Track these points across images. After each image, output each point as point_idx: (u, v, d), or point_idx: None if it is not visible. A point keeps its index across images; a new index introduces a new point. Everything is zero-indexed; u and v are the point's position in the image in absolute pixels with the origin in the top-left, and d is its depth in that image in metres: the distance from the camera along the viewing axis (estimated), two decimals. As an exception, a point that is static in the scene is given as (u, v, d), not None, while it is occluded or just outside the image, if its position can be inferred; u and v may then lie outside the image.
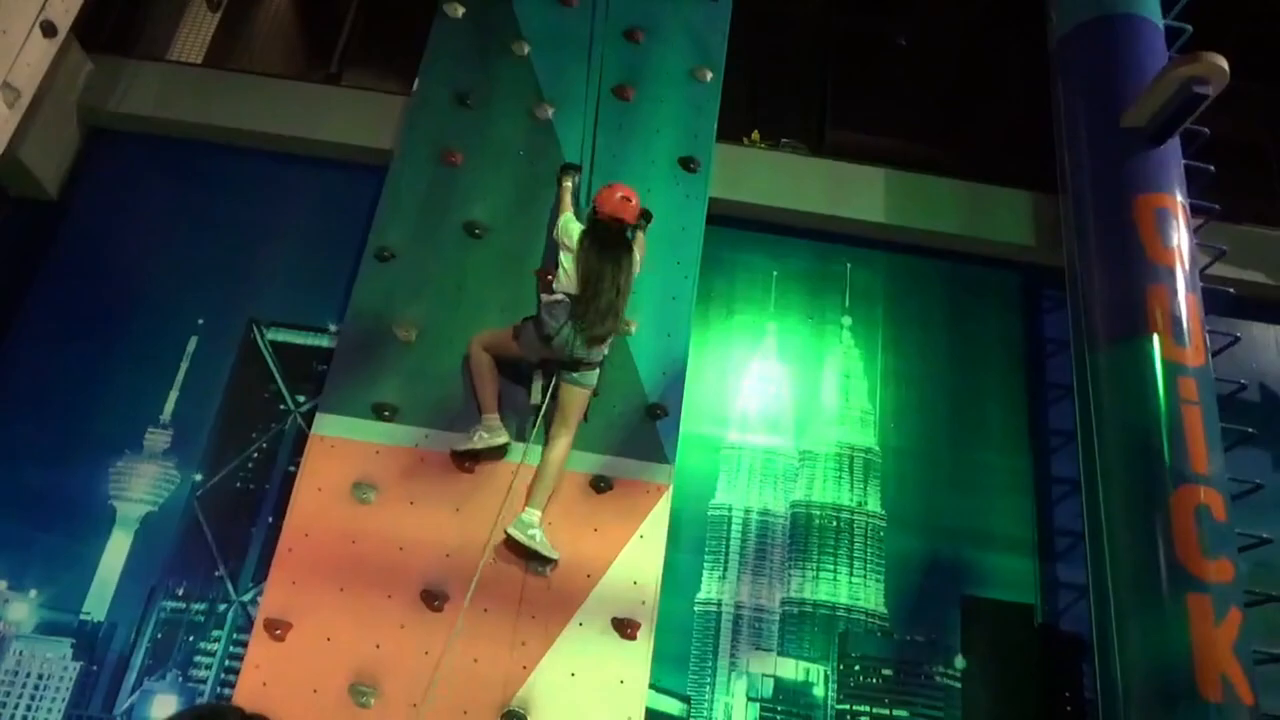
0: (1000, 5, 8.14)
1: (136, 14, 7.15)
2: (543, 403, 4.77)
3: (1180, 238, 5.39)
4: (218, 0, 7.86)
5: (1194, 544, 4.60)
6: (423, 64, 5.94)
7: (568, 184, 5.29)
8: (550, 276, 4.94)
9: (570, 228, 4.87)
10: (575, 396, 4.69)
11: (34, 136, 5.76)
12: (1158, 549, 4.64)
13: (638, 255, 4.90)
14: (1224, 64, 5.17)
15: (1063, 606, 5.47)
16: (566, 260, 4.76)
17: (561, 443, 4.66)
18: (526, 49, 5.86)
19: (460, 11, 6.04)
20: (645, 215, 5.05)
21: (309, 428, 5.00)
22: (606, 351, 4.77)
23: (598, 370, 4.75)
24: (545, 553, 4.49)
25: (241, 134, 6.30)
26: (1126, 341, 5.17)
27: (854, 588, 5.45)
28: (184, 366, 5.71)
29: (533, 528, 4.49)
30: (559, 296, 4.66)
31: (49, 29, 5.16)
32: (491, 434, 4.68)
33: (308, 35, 8.44)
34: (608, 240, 4.75)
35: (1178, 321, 5.11)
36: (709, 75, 5.93)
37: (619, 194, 4.86)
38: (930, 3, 8.59)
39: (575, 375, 4.66)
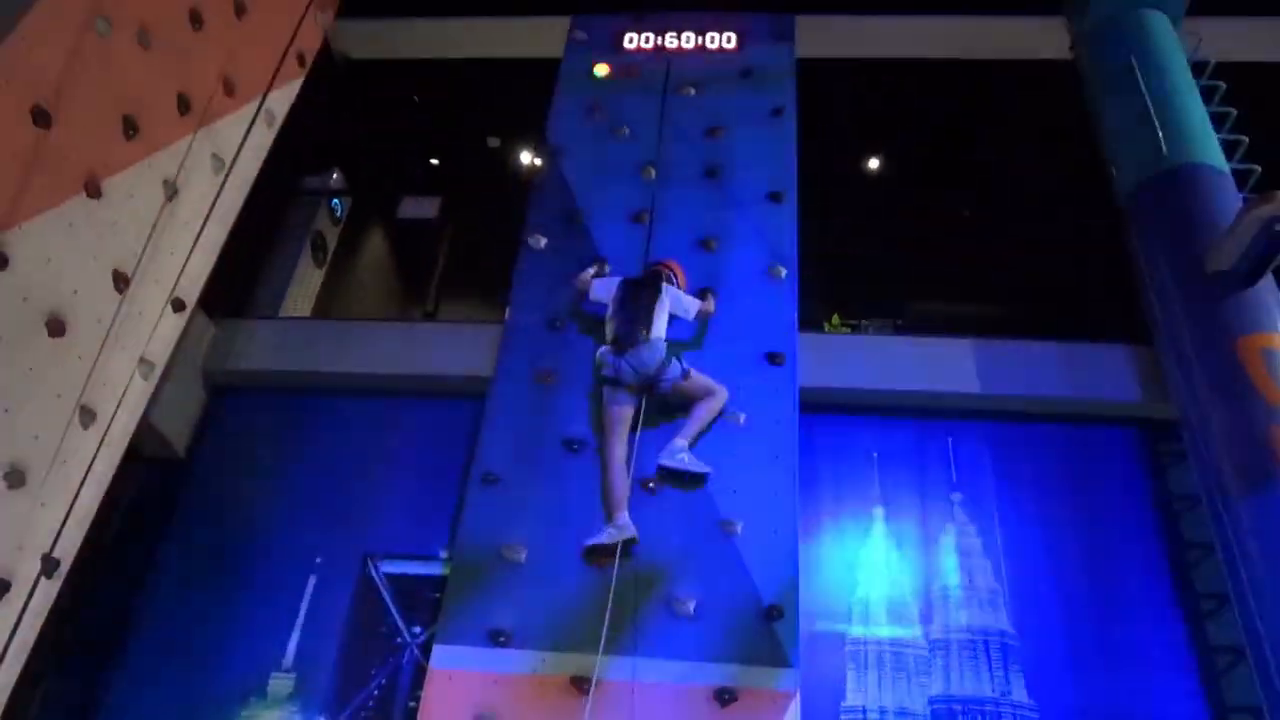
0: (1061, 163, 8.32)
1: (252, 276, 7.85)
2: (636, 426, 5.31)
3: (1296, 375, 5.18)
4: (323, 257, 8.60)
5: (1391, 710, 4.12)
6: (513, 292, 6.30)
7: (591, 271, 5.92)
8: None
9: (607, 282, 5.67)
10: (679, 391, 5.32)
11: (163, 401, 6.22)
12: (1350, 720, 4.17)
13: (696, 301, 5.61)
14: (1301, 200, 5.13)
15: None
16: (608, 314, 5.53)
17: (716, 397, 5.33)
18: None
19: (543, 242, 6.46)
20: (705, 291, 5.88)
21: (427, 659, 4.98)
22: (662, 353, 5.26)
23: (678, 364, 5.29)
24: (696, 469, 5.14)
25: (350, 377, 6.69)
26: (1261, 489, 4.87)
27: (1014, 790, 5.00)
28: (304, 607, 5.82)
29: (681, 452, 5.14)
30: (602, 348, 5.43)
31: (178, 305, 5.68)
32: (620, 530, 4.98)
33: (405, 278, 9.11)
34: (637, 282, 5.56)
35: (1313, 464, 4.82)
36: (784, 272, 6.13)
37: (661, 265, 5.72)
38: (991, 170, 8.84)
39: (667, 377, 5.28)
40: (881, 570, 5.73)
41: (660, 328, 5.39)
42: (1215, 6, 7.18)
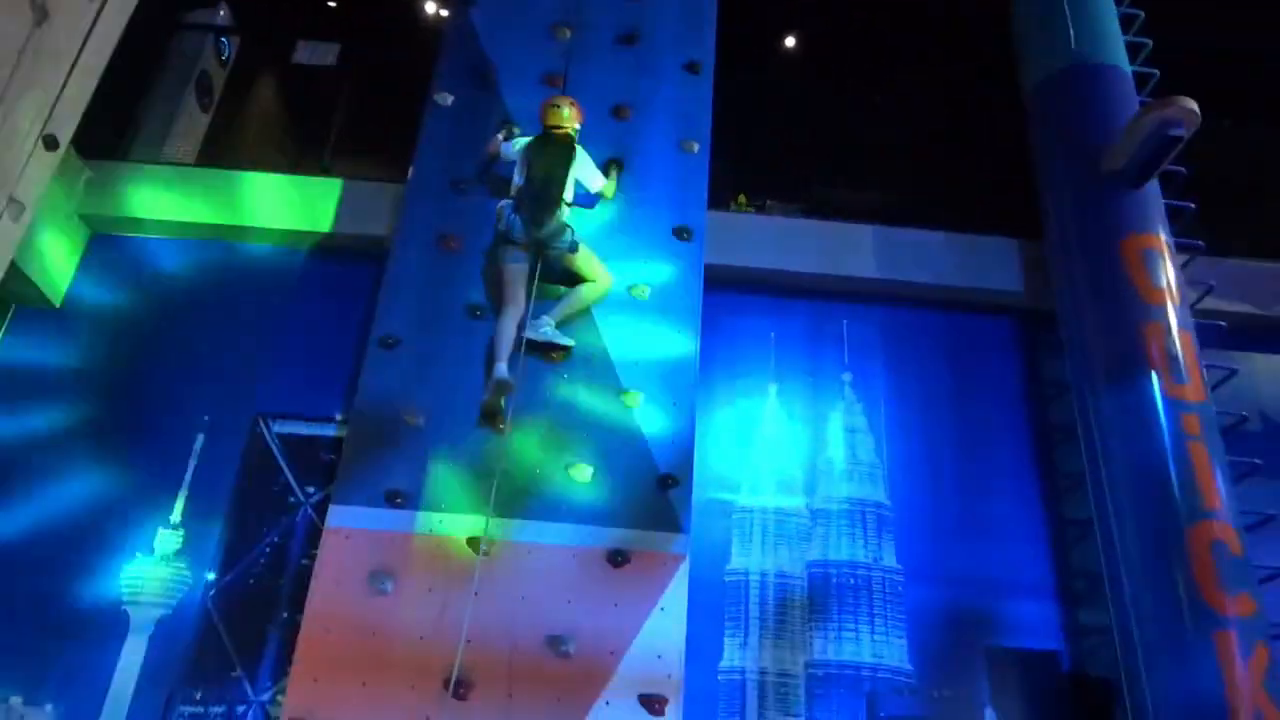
0: (973, 59, 8.37)
1: (130, 119, 7.31)
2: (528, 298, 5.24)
3: (1169, 276, 5.50)
4: (209, 101, 8.04)
5: (1213, 580, 4.61)
6: (417, 152, 6.06)
7: (499, 135, 5.74)
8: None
9: (516, 143, 5.53)
10: (570, 260, 5.28)
11: (36, 246, 5.84)
12: (1178, 587, 4.65)
13: (592, 169, 5.52)
14: (1194, 106, 5.32)
15: (1089, 651, 5.43)
16: (518, 170, 5.42)
17: (598, 283, 5.33)
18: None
19: (450, 99, 6.19)
20: (617, 164, 5.83)
21: (321, 519, 4.99)
22: (567, 231, 5.24)
23: (570, 231, 5.25)
24: (560, 340, 5.20)
25: (238, 231, 6.40)
26: (1126, 381, 5.23)
27: (877, 645, 5.42)
28: (192, 465, 5.72)
29: (545, 326, 5.19)
30: (503, 201, 5.36)
31: (51, 142, 5.27)
32: (493, 377, 4.98)
33: (299, 129, 8.62)
34: (547, 147, 5.40)
35: (1174, 359, 5.19)
36: (696, 147, 6.06)
37: (556, 108, 5.50)
38: (906, 62, 8.83)
39: (558, 246, 5.23)
40: (772, 444, 5.97)
41: (569, 193, 5.36)
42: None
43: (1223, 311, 5.98)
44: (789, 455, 5.96)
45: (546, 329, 5.22)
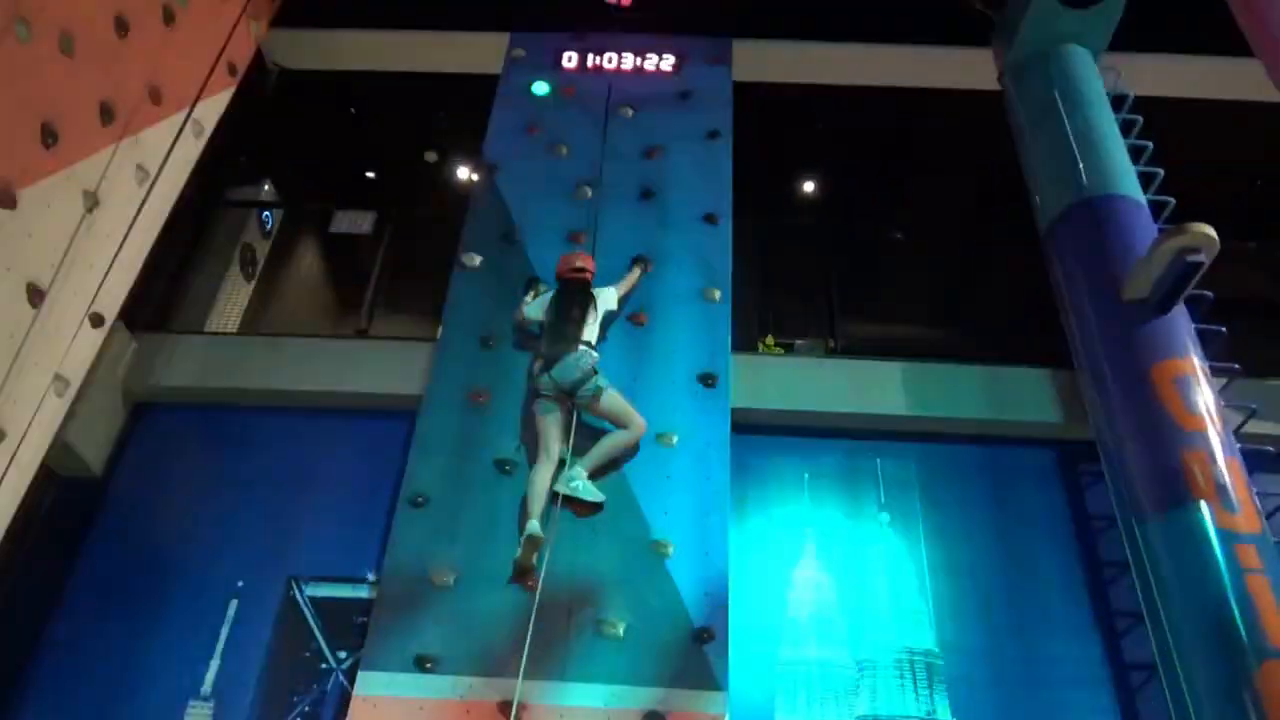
0: (988, 188, 8.55)
1: (176, 290, 7.64)
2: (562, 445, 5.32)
3: (1206, 401, 5.37)
4: (252, 270, 8.41)
5: (1292, 727, 4.28)
6: (446, 311, 6.24)
7: (527, 298, 5.93)
8: None
9: (539, 302, 5.75)
10: (601, 405, 5.33)
11: (79, 416, 6.01)
12: (1255, 736, 4.32)
13: (617, 288, 5.80)
14: (1211, 232, 5.33)
15: (1166, 809, 5.03)
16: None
17: (630, 432, 5.32)
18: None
19: (478, 260, 6.42)
20: (638, 259, 6.11)
21: (352, 685, 4.88)
22: (588, 367, 5.31)
23: (596, 377, 5.31)
24: (590, 497, 5.13)
25: (277, 394, 6.55)
26: (1173, 512, 5.03)
27: (937, 809, 5.07)
28: (224, 632, 5.66)
29: (575, 479, 5.14)
30: (535, 357, 5.50)
31: (97, 320, 5.51)
32: (526, 533, 4.98)
33: (337, 293, 8.96)
34: (564, 294, 5.64)
35: (1222, 488, 5.00)
36: (717, 294, 6.18)
37: (571, 258, 5.81)
38: (921, 196, 9.05)
39: (582, 394, 5.29)
40: (810, 591, 5.79)
41: (590, 334, 5.47)
42: (1134, 44, 7.45)
43: (1269, 435, 5.80)
44: (829, 602, 5.76)
45: (577, 482, 5.19)
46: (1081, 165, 6.28)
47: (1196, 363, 5.54)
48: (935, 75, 8.36)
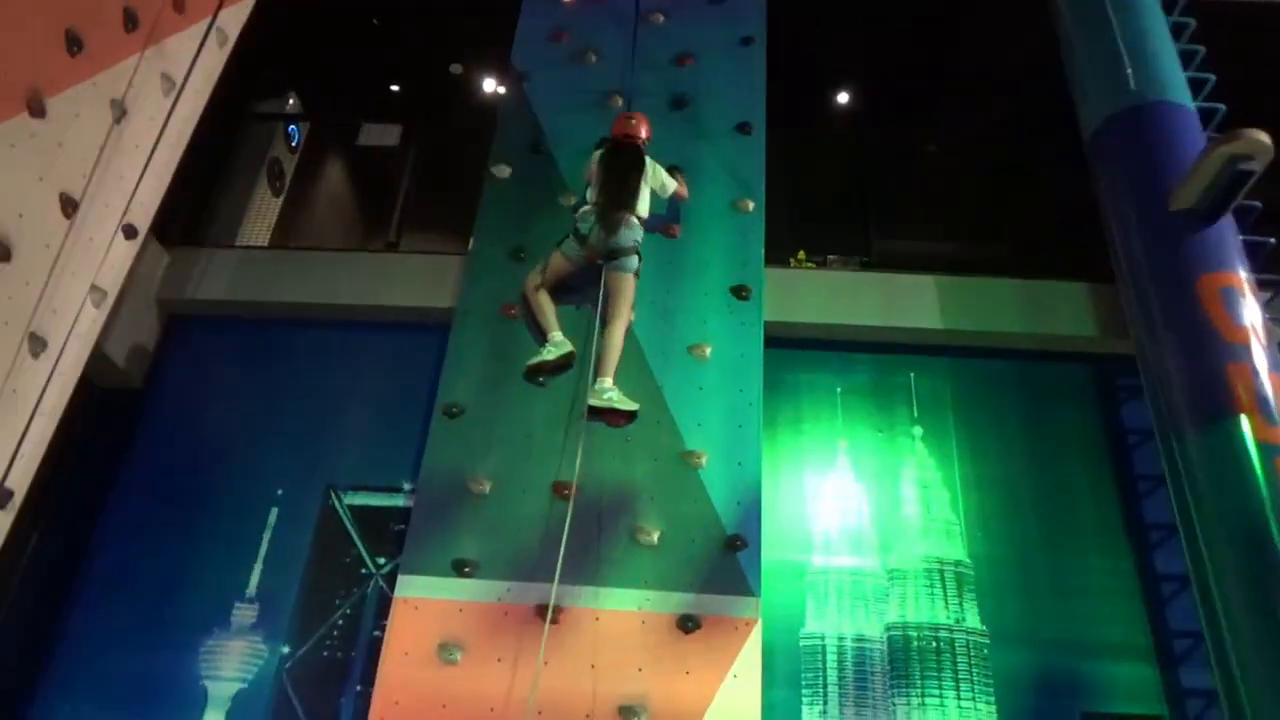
0: (1031, 100, 8.29)
1: (206, 205, 7.63)
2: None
3: (1251, 314, 5.26)
4: (280, 185, 8.37)
5: (1326, 637, 4.29)
6: (476, 223, 6.19)
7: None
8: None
9: (593, 157, 5.67)
10: (620, 281, 5.36)
11: (116, 329, 6.08)
12: (1288, 645, 4.33)
13: (664, 176, 5.68)
14: (1266, 139, 5.15)
15: (1195, 715, 5.10)
16: (592, 184, 5.58)
17: (618, 324, 5.31)
18: (574, 199, 6.08)
19: (507, 171, 6.33)
20: (673, 168, 5.88)
21: (391, 590, 5.00)
22: (638, 237, 5.41)
23: (636, 257, 5.39)
24: (624, 406, 5.15)
25: (309, 308, 6.58)
26: (1214, 425, 4.98)
27: (964, 713, 5.16)
28: (266, 538, 5.81)
29: (607, 391, 5.14)
30: (586, 207, 5.48)
31: (130, 231, 5.49)
32: (557, 346, 5.26)
33: (366, 209, 8.91)
34: (619, 156, 5.57)
35: (1264, 400, 4.92)
36: (750, 205, 6.07)
37: (628, 119, 5.75)
38: (960, 109, 8.79)
39: (616, 263, 5.34)
40: (843, 502, 5.83)
41: (645, 206, 5.51)
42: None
43: (1314, 349, 5.70)
44: (861, 514, 5.80)
45: (610, 394, 5.20)
46: (1130, 70, 6.05)
47: (1243, 275, 5.41)
48: (977, -25, 8.04)
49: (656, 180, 5.66)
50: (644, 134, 5.75)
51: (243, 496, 5.93)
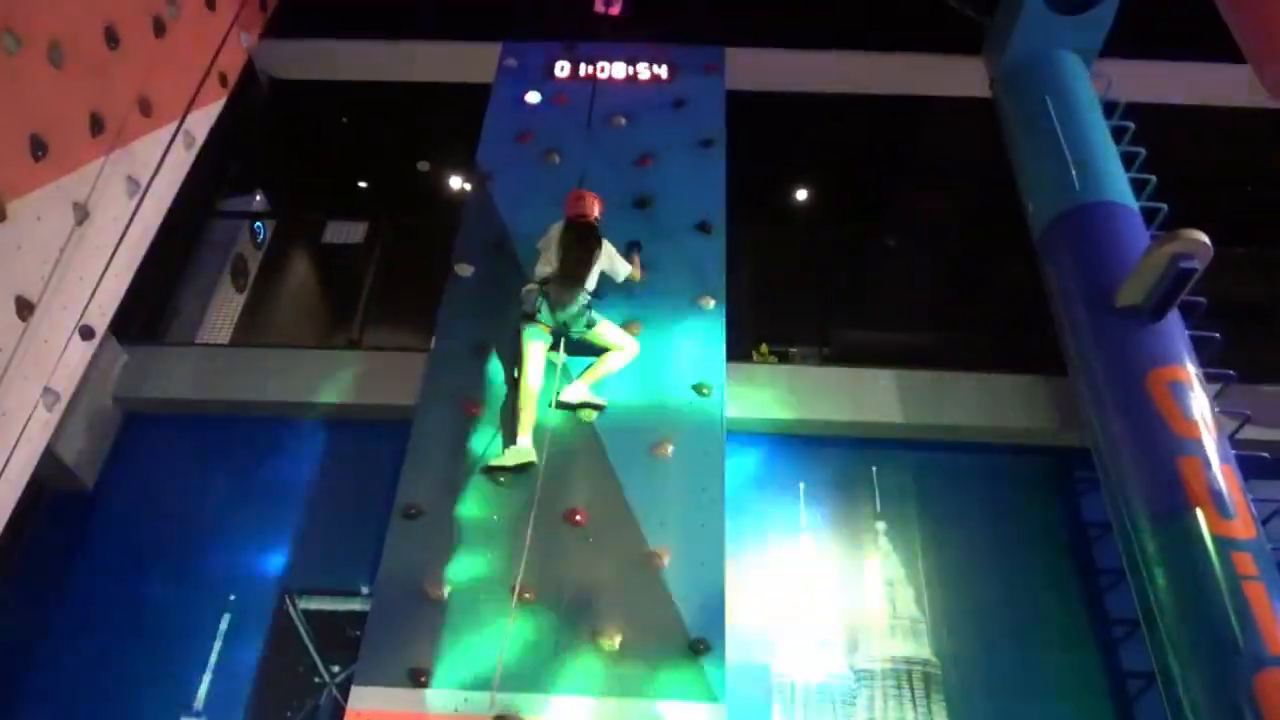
0: (981, 196, 8.57)
1: (167, 302, 7.61)
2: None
3: (1200, 407, 5.36)
4: (243, 282, 8.37)
5: (1290, 734, 4.27)
6: (438, 321, 6.21)
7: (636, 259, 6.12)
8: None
9: (550, 233, 5.76)
10: (599, 331, 5.58)
11: (70, 430, 5.97)
12: (1253, 744, 4.30)
13: (617, 263, 5.81)
14: (1204, 238, 5.33)
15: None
16: (543, 258, 5.71)
17: (625, 351, 5.63)
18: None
19: (470, 270, 6.39)
20: (632, 244, 6.16)
21: (345, 700, 4.83)
22: (586, 302, 5.52)
23: (590, 313, 5.53)
24: (593, 400, 5.48)
25: (269, 405, 6.51)
26: (1169, 519, 5.03)
27: (935, 820, 5.04)
28: (216, 647, 5.61)
29: (579, 390, 5.43)
30: (531, 285, 5.61)
31: (87, 333, 5.46)
32: (518, 454, 5.27)
33: (330, 305, 8.92)
34: (575, 234, 5.65)
35: (1218, 494, 4.99)
36: (711, 302, 6.16)
37: (579, 198, 5.83)
38: (913, 203, 9.06)
39: (578, 329, 5.55)
40: (807, 600, 5.76)
41: (592, 282, 5.61)
42: (1124, 50, 7.48)
43: (1264, 441, 5.79)
44: (826, 612, 5.73)
45: (584, 390, 5.50)
46: (1074, 172, 6.29)
47: (1191, 369, 5.54)
48: (927, 83, 8.38)
49: (608, 263, 5.75)
50: (596, 212, 5.85)
51: (193, 603, 5.75)
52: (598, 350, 5.70)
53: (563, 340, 5.65)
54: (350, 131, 9.31)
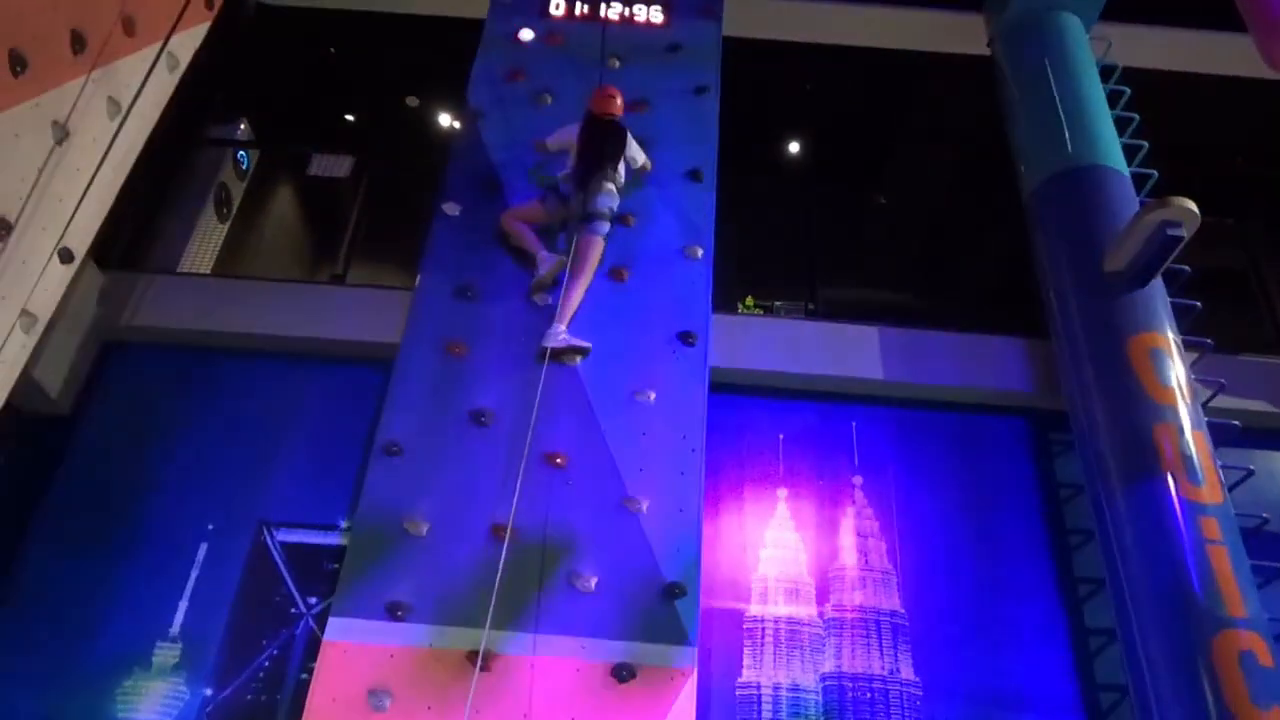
0: (973, 156, 8.54)
1: (149, 230, 7.48)
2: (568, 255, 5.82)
3: (1178, 375, 5.44)
4: (227, 211, 8.25)
5: (1243, 694, 4.41)
6: (424, 259, 6.17)
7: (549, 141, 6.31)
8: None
9: (568, 129, 6.10)
10: (590, 244, 5.82)
11: (47, 354, 5.90)
12: (1206, 702, 4.44)
13: (635, 150, 6.13)
14: (1193, 206, 5.35)
15: (1119, 770, 5.19)
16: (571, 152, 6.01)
17: (581, 280, 5.75)
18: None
19: (457, 209, 6.33)
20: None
21: (322, 631, 4.89)
22: (614, 204, 5.93)
23: (608, 223, 5.89)
24: (578, 344, 5.58)
25: (250, 338, 6.46)
26: (1140, 484, 5.12)
27: (896, 765, 5.18)
28: (193, 575, 5.63)
29: (560, 334, 5.54)
30: (565, 172, 6.00)
31: (66, 255, 5.37)
32: (552, 262, 5.77)
33: (314, 240, 8.81)
34: (598, 128, 5.96)
35: (1189, 460, 5.09)
36: (700, 252, 6.14)
37: (606, 95, 6.05)
38: (909, 163, 9.02)
39: (590, 226, 5.83)
40: (782, 550, 5.84)
41: (622, 173, 6.00)
42: (1125, 14, 7.42)
43: (1236, 410, 5.89)
44: (799, 562, 5.82)
45: (562, 335, 5.57)
46: (1068, 134, 6.28)
47: (1171, 336, 5.60)
48: (926, 39, 8.30)
49: (632, 151, 6.08)
50: (620, 109, 6.09)
51: (171, 531, 5.75)
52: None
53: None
54: (338, 63, 9.11)
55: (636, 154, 6.14)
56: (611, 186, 5.91)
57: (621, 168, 6.00)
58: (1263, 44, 5.73)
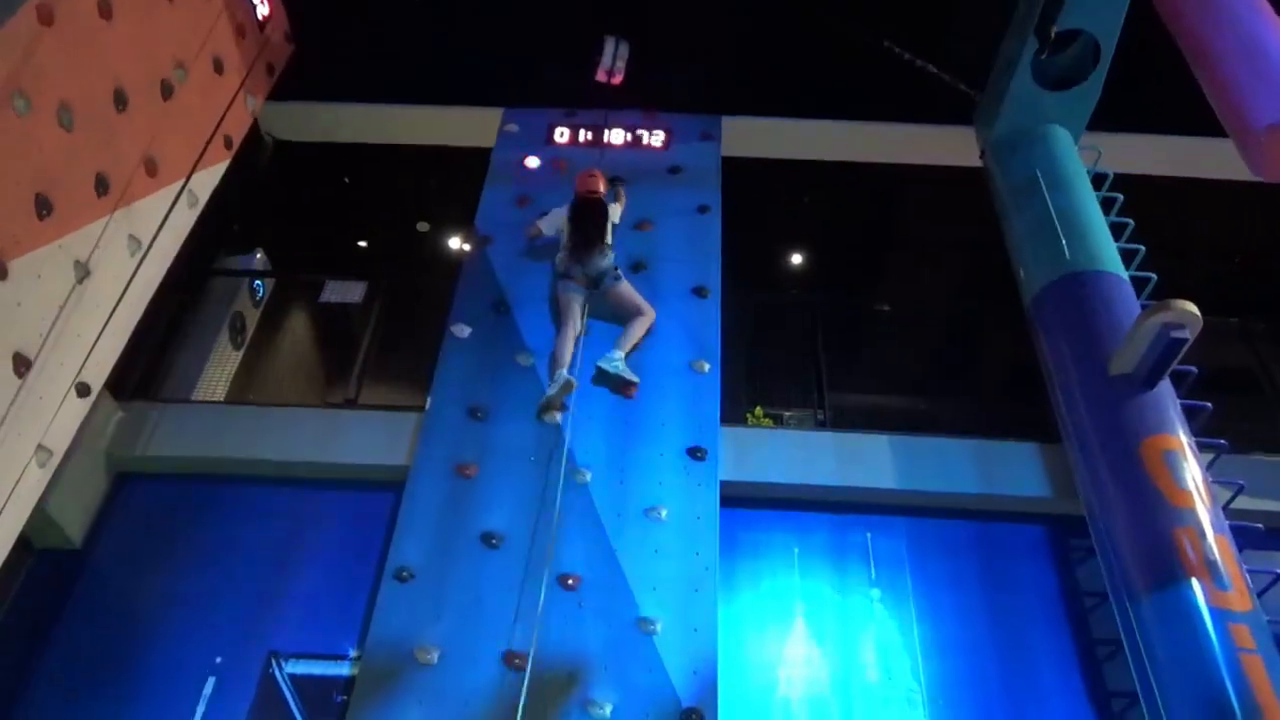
0: (974, 261, 8.68)
1: (164, 359, 7.61)
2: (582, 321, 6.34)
3: (1194, 476, 5.37)
4: (241, 339, 8.40)
5: (1293, 813, 4.19)
6: (434, 381, 6.24)
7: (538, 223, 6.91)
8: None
9: (557, 214, 6.76)
10: (621, 291, 6.39)
11: (61, 487, 5.92)
12: (1255, 824, 4.22)
13: (618, 206, 6.86)
14: (1194, 309, 5.38)
15: None
16: (565, 231, 6.61)
17: (643, 319, 6.29)
18: (531, 360, 6.18)
19: (466, 331, 6.44)
20: (615, 180, 7.09)
21: (330, 769, 4.74)
22: (612, 260, 6.43)
23: (618, 273, 6.39)
24: (628, 376, 5.97)
25: (262, 464, 6.48)
26: (1165, 590, 4.99)
27: None
28: (201, 710, 5.50)
29: (616, 360, 5.99)
30: (561, 254, 6.51)
31: (83, 390, 5.45)
32: (558, 382, 5.87)
33: (327, 363, 8.94)
34: (586, 207, 6.57)
35: (1213, 565, 4.97)
36: (707, 366, 6.20)
37: (589, 177, 6.72)
38: (908, 267, 9.18)
39: (608, 282, 6.36)
40: (801, 669, 5.68)
41: (610, 237, 6.50)
42: (1113, 123, 7.64)
43: (1256, 511, 5.80)
44: (821, 681, 5.65)
45: (618, 363, 6.00)
46: (1064, 242, 6.38)
47: (1184, 438, 5.55)
48: (919, 152, 8.55)
49: (614, 218, 6.66)
50: (603, 187, 6.73)
51: (179, 665, 5.64)
52: (619, 317, 6.37)
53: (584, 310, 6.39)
54: (351, 192, 9.43)
55: (616, 217, 6.77)
56: (607, 250, 6.45)
57: (609, 235, 6.55)
58: (1243, 152, 5.87)
